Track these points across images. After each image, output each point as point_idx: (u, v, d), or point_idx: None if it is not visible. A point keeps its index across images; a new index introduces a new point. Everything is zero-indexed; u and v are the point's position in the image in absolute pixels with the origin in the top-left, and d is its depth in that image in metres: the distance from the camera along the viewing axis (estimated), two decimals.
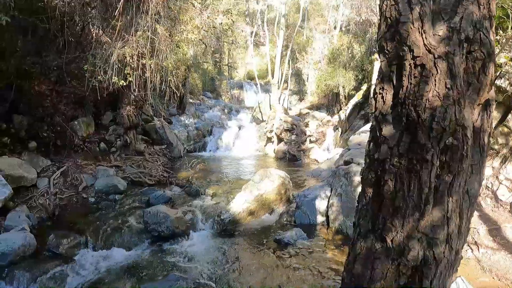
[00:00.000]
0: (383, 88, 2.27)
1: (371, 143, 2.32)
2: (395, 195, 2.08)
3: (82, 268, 6.02)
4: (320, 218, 7.70)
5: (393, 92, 2.22)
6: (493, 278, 5.20)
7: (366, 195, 2.32)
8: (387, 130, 2.15)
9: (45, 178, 8.57)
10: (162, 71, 10.07)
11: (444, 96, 1.99)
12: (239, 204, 7.61)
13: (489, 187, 6.80)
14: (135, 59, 9.34)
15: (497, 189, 6.60)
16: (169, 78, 10.07)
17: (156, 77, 9.83)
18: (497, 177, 6.71)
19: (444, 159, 2.04)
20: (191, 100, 18.02)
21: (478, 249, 5.71)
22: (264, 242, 6.91)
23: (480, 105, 2.23)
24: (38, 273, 5.71)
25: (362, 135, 10.87)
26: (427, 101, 2.01)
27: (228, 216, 7.36)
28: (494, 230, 5.98)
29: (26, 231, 6.53)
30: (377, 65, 12.91)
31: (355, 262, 2.34)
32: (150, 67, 9.47)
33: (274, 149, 14.40)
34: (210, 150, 14.42)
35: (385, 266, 2.16)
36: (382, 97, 2.26)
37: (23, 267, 5.81)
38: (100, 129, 11.40)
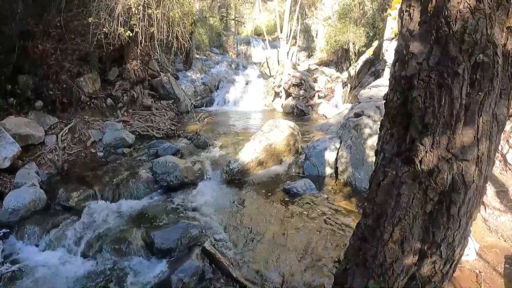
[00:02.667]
0: (410, 6, 2.17)
1: (397, 64, 2.19)
2: (424, 111, 1.96)
3: (93, 219, 6.01)
4: (328, 170, 7.63)
5: (420, 8, 2.10)
6: (499, 238, 5.20)
7: (391, 118, 2.19)
8: (415, 45, 2.03)
9: (53, 135, 8.52)
10: (169, 23, 9.83)
11: (475, 9, 1.88)
12: (248, 154, 7.53)
13: (498, 150, 6.68)
14: (141, 9, 9.09)
15: (506, 153, 6.48)
16: (175, 29, 9.82)
17: (163, 28, 9.59)
18: (507, 140, 6.57)
19: (474, 76, 1.93)
20: (197, 56, 17.69)
21: (485, 210, 5.68)
22: (273, 191, 6.88)
23: (509, 29, 2.11)
24: (48, 226, 5.73)
25: (373, 89, 10.61)
26: (458, 12, 1.88)
27: (237, 166, 7.30)
28: (502, 192, 5.92)
29: (35, 186, 6.50)
30: (389, 21, 12.61)
31: (378, 190, 2.24)
32: (157, 17, 9.22)
33: (282, 104, 14.21)
34: (217, 105, 14.26)
35: (412, 191, 2.06)
36: (409, 14, 2.16)
37: (34, 222, 5.83)
38: (107, 85, 11.22)
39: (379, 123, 7.28)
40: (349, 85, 14.83)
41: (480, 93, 1.94)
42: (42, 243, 5.54)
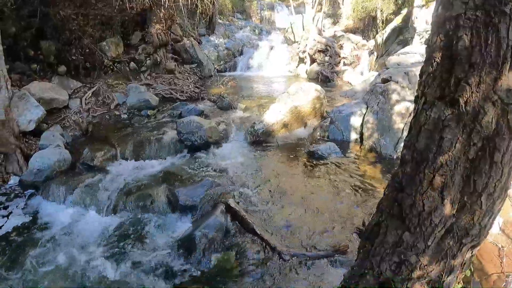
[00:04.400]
0: None
1: (439, 7, 2.08)
2: (471, 50, 1.87)
3: (117, 178, 6.10)
4: (353, 135, 7.51)
5: None
6: None
7: (434, 61, 2.09)
8: None
9: (77, 99, 8.62)
10: None
11: None
12: (273, 115, 7.46)
13: None
14: None
15: None
16: None
17: None
18: None
19: None
20: (220, 21, 17.46)
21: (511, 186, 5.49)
22: (297, 153, 6.85)
23: None
24: (74, 185, 5.81)
25: (402, 56, 10.34)
26: None
27: (262, 127, 7.25)
28: None
29: (60, 147, 6.59)
30: None
31: (418, 136, 2.16)
32: None
33: (307, 70, 13.94)
34: (240, 70, 14.06)
35: (455, 134, 1.98)
36: None
37: (59, 181, 5.92)
38: (129, 49, 11.22)
39: (407, 89, 7.20)
40: (375, 53, 14.48)
41: None
42: (67, 201, 5.65)
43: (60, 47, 8.89)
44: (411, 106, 6.92)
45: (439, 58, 2.05)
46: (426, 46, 2.24)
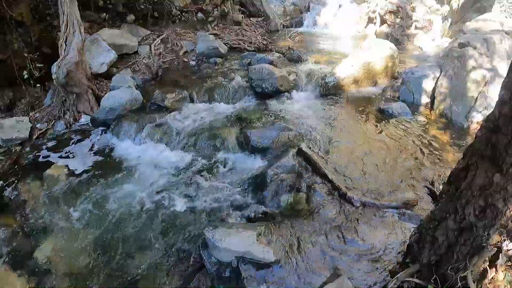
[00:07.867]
0: None
1: None
2: None
3: (187, 118, 6.29)
4: (424, 99, 7.23)
5: None
6: None
7: None
8: None
9: (146, 45, 8.85)
10: None
11: None
12: (345, 70, 7.32)
13: None
14: None
15: None
16: None
17: None
18: None
19: None
20: None
21: None
22: (367, 110, 6.74)
23: None
24: (144, 123, 6.06)
25: (480, 22, 9.75)
26: None
27: (333, 80, 7.15)
28: None
29: (132, 88, 6.81)
30: None
31: None
32: None
33: (376, 31, 13.39)
34: (306, 26, 13.69)
35: None
36: None
37: (130, 119, 6.18)
38: None
39: (485, 56, 6.85)
40: (449, 19, 13.68)
41: None
42: (138, 138, 5.91)
43: None
44: (488, 75, 6.62)
45: None
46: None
